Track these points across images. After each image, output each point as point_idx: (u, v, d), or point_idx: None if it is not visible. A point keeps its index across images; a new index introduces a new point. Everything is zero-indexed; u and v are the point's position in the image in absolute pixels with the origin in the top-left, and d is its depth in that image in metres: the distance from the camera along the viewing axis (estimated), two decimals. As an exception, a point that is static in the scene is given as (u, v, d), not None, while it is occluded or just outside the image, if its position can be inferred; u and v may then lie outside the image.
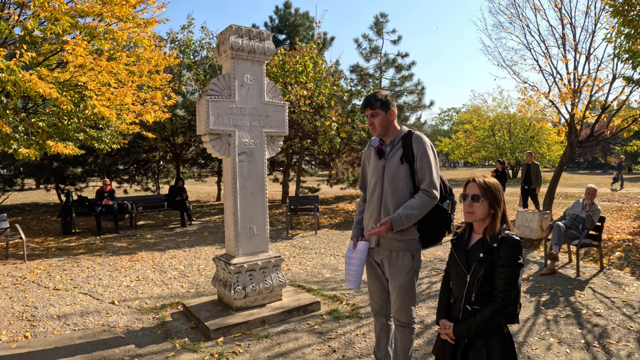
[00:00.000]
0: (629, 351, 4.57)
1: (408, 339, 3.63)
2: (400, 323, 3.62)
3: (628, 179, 36.90)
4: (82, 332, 5.18)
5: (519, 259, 2.49)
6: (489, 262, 2.53)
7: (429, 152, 3.50)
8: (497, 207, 2.60)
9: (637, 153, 13.60)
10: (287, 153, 19.64)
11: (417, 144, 3.52)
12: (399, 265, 3.52)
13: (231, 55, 5.37)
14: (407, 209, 3.38)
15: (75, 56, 8.28)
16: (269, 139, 5.81)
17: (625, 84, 11.02)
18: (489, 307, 2.51)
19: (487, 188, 2.62)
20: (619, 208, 16.18)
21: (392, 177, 3.54)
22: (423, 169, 3.47)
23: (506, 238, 2.53)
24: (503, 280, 2.47)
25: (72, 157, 15.62)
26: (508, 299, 2.47)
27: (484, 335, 2.56)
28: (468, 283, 2.62)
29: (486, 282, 2.55)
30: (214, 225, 13.67)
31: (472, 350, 2.60)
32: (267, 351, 4.64)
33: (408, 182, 3.51)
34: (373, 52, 19.30)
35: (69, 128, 10.01)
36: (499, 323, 2.53)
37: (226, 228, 5.79)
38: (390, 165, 3.57)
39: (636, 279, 7.14)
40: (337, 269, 8.13)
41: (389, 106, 3.61)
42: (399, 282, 3.52)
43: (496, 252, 2.52)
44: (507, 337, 2.59)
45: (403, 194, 3.50)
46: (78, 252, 9.59)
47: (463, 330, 2.60)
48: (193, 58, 18.98)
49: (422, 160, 3.48)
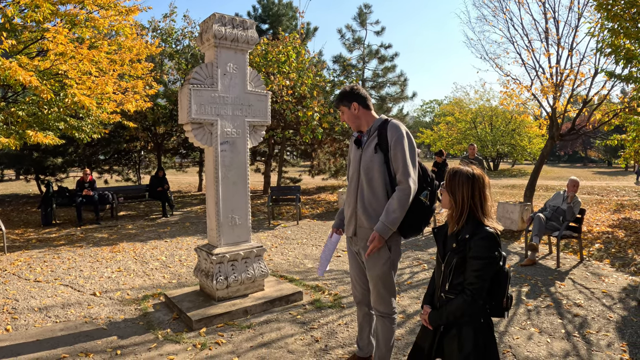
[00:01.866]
0: (609, 341, 4.64)
1: (389, 329, 3.64)
2: (380, 313, 3.62)
3: (608, 172, 37.43)
4: (63, 324, 5.12)
5: (492, 252, 2.48)
6: (461, 252, 2.54)
7: (403, 140, 3.44)
8: (456, 199, 2.59)
9: (618, 147, 13.79)
10: (269, 143, 19.57)
11: (391, 132, 3.47)
12: (375, 256, 3.50)
13: (214, 43, 5.32)
14: (390, 213, 3.35)
15: (56, 44, 8.13)
16: (252, 128, 5.77)
17: (607, 79, 11.13)
18: (458, 298, 2.54)
19: (449, 178, 2.63)
20: (598, 201, 16.41)
21: (367, 166, 3.52)
22: (397, 157, 3.42)
23: (479, 230, 2.51)
24: (473, 272, 2.48)
25: (52, 147, 15.38)
26: (477, 291, 2.47)
27: (457, 325, 2.59)
28: (442, 272, 2.67)
29: (459, 272, 2.56)
30: (196, 216, 13.60)
31: (446, 338, 2.65)
32: (249, 341, 4.63)
33: (382, 172, 3.48)
34: (356, 42, 19.27)
35: (49, 117, 9.87)
36: (471, 314, 2.53)
37: (208, 218, 5.76)
38: (366, 154, 3.55)
39: (615, 271, 7.26)
40: (319, 259, 8.11)
41: (351, 100, 3.61)
42: (376, 273, 3.53)
43: (468, 243, 2.52)
44: (483, 328, 2.58)
45: (378, 183, 3.48)
46: (59, 244, 9.48)
47: (436, 318, 2.67)
48: (175, 47, 18.81)
49: (395, 149, 3.42)
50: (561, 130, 13.20)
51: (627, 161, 12.33)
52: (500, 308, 2.62)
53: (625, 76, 9.52)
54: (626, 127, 11.51)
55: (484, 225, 2.53)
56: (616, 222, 11.66)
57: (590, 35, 9.80)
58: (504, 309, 2.63)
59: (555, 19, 12.55)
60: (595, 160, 58.67)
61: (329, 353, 4.38)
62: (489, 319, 2.64)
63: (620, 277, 6.90)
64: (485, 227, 2.52)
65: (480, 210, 2.57)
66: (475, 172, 2.60)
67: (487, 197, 2.61)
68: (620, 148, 13.93)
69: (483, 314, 2.59)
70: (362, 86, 18.93)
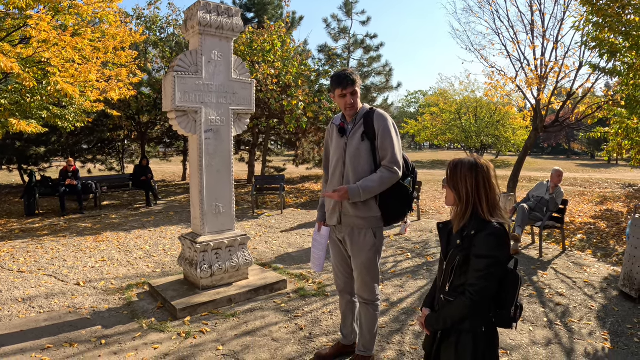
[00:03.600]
0: (591, 329, 4.71)
1: (372, 316, 3.67)
2: (364, 300, 3.65)
3: (591, 165, 37.85)
4: (47, 315, 5.07)
5: (498, 251, 2.23)
6: (465, 250, 2.30)
7: (390, 129, 3.50)
8: (460, 194, 2.36)
9: (601, 140, 13.93)
10: (254, 132, 19.52)
11: (378, 121, 3.51)
12: (361, 242, 3.54)
13: (199, 31, 5.27)
14: (367, 181, 3.40)
15: (38, 31, 8.01)
16: (236, 116, 5.74)
17: (592, 72, 11.24)
18: (458, 300, 2.31)
19: (451, 172, 2.41)
20: (581, 192, 16.60)
21: (353, 154, 3.54)
22: (385, 145, 3.46)
23: (486, 226, 2.27)
24: (476, 272, 2.23)
25: (35, 136, 15.21)
26: (478, 294, 2.22)
27: (456, 331, 2.36)
28: (444, 271, 2.44)
29: (462, 272, 2.32)
30: (180, 205, 13.52)
31: (444, 345, 2.44)
32: (234, 330, 4.64)
33: (369, 160, 3.51)
34: (342, 32, 19.21)
35: (31, 106, 9.73)
36: (472, 320, 2.30)
37: (192, 206, 5.73)
38: (352, 143, 3.56)
39: (597, 261, 7.35)
40: (303, 247, 8.16)
41: (358, 85, 3.60)
42: (361, 260, 3.55)
43: (473, 240, 2.28)
44: (485, 338, 2.33)
45: (364, 171, 3.51)
46: (42, 234, 9.38)
47: (433, 321, 2.45)
48: (159, 35, 18.62)
49: (383, 137, 3.47)
50: (545, 122, 13.31)
51: (610, 154, 12.46)
52: (508, 318, 2.33)
53: (610, 69, 9.62)
54: (610, 120, 11.63)
55: (495, 221, 2.29)
56: (598, 213, 11.81)
57: (575, 29, 9.87)
58: (512, 320, 2.34)
59: (541, 12, 12.63)
60: (578, 152, 59.21)
61: (313, 341, 4.40)
62: (493, 329, 2.38)
63: (602, 267, 6.99)
64: (492, 222, 2.28)
65: (486, 203, 2.32)
66: (478, 161, 2.36)
67: (494, 188, 2.36)
68: (603, 141, 14.09)
69: (486, 322, 2.33)
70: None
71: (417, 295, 5.64)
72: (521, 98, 14.50)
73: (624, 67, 9.11)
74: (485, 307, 2.31)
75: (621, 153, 11.96)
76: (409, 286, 5.98)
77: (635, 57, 8.46)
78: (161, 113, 18.28)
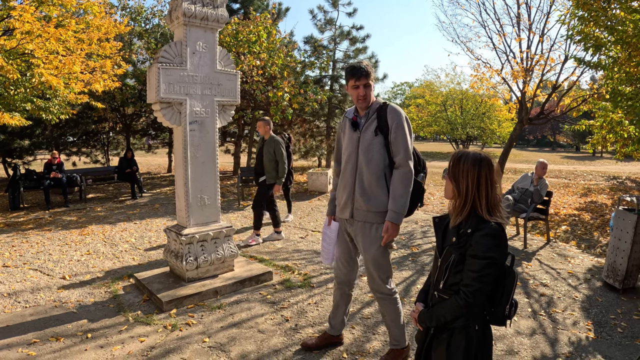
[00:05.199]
0: (574, 320, 4.77)
1: (394, 309, 3.66)
2: (380, 295, 3.65)
3: (575, 157, 38.21)
4: (33, 309, 5.03)
5: (495, 252, 2.17)
6: (461, 248, 2.24)
7: (404, 124, 3.48)
8: (459, 188, 2.29)
9: (586, 133, 14.06)
10: (239, 124, 19.45)
11: (392, 115, 3.49)
12: (372, 237, 3.52)
13: (183, 22, 5.22)
14: (397, 199, 3.39)
15: (22, 22, 7.90)
16: (221, 107, 5.71)
17: (577, 65, 11.33)
18: (451, 299, 2.26)
19: (453, 164, 2.32)
20: (565, 184, 16.77)
21: (366, 149, 3.51)
22: (397, 141, 3.45)
23: (484, 225, 2.20)
24: (471, 272, 2.18)
25: (19, 128, 15.03)
26: (472, 295, 2.18)
27: (449, 329, 2.32)
28: (439, 268, 2.38)
29: (457, 271, 2.26)
30: (165, 197, 13.44)
31: (435, 342, 2.41)
32: (220, 322, 4.64)
33: (382, 154, 3.49)
34: (328, 23, 19.10)
35: (15, 98, 9.59)
36: (465, 319, 2.27)
37: (177, 198, 5.70)
38: (365, 137, 3.53)
39: (581, 252, 7.44)
40: (289, 239, 8.16)
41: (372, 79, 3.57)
42: (372, 254, 3.53)
43: (469, 239, 2.22)
44: (478, 336, 2.29)
45: (377, 166, 3.49)
46: (27, 228, 9.28)
47: (425, 318, 2.41)
48: (144, 26, 18.43)
49: (396, 132, 3.45)
50: (530, 114, 13.43)
51: (594, 147, 12.57)
52: (502, 316, 2.30)
53: (595, 63, 9.69)
54: (595, 114, 11.73)
55: (489, 220, 2.22)
56: (583, 205, 11.94)
57: (561, 23, 9.93)
58: (506, 317, 2.31)
59: (528, 5, 12.72)
60: (563, 145, 59.77)
61: (299, 332, 4.41)
62: (487, 327, 2.35)
63: (585, 258, 7.07)
64: (490, 222, 2.21)
65: (485, 200, 2.25)
66: (482, 156, 2.28)
67: (496, 186, 2.29)
68: (588, 134, 14.22)
69: (480, 320, 2.31)
70: (332, 67, 18.92)
71: (403, 286, 5.68)
72: (507, 90, 14.61)
73: (609, 60, 9.18)
74: (480, 307, 2.28)
75: (606, 146, 12.07)
76: (394, 277, 6.01)
77: (620, 51, 8.52)
78: (146, 105, 18.15)
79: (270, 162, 7.76)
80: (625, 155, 11.17)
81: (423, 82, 39.70)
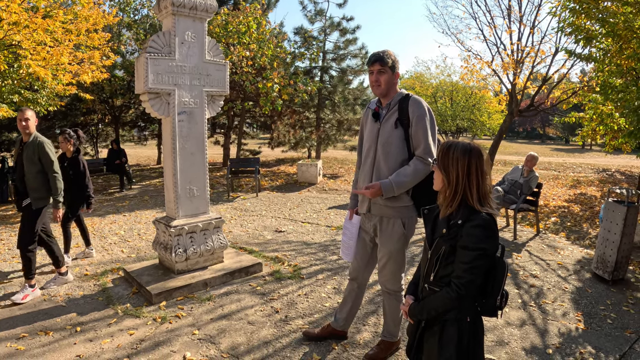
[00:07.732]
0: (564, 311, 4.80)
1: (396, 307, 3.61)
2: (387, 290, 3.59)
3: (565, 149, 38.42)
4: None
5: (486, 243, 2.14)
6: (451, 240, 2.21)
7: (425, 117, 3.33)
8: (449, 178, 2.25)
9: (575, 125, 14.12)
10: (229, 115, 19.35)
11: (413, 108, 3.35)
12: (389, 232, 3.45)
13: (172, 11, 5.15)
14: (400, 175, 3.27)
15: (9, 13, 7.76)
16: (210, 98, 5.65)
17: (567, 58, 11.34)
18: (442, 292, 2.24)
19: (443, 153, 2.29)
20: (555, 176, 16.84)
21: (385, 141, 3.40)
22: (418, 134, 3.31)
23: (474, 216, 2.17)
24: (461, 264, 2.16)
25: (6, 121, 14.87)
26: (464, 287, 2.16)
27: (440, 322, 2.30)
28: (429, 260, 2.35)
29: (447, 263, 2.24)
30: (155, 189, 13.37)
31: (427, 334, 2.39)
32: (210, 313, 4.61)
33: (402, 148, 3.37)
34: (318, 14, 19.02)
35: (2, 90, 9.46)
36: (456, 311, 2.25)
37: (166, 190, 5.65)
38: (385, 129, 3.43)
39: (571, 244, 7.48)
40: (279, 230, 8.15)
41: (395, 68, 3.44)
42: (388, 249, 3.46)
43: (459, 230, 2.19)
44: (470, 328, 2.27)
45: (396, 159, 3.38)
46: (15, 221, 9.16)
47: (416, 311, 2.39)
48: (133, 17, 18.24)
49: (417, 125, 3.31)
50: (520, 106, 13.46)
51: (584, 139, 12.63)
52: (493, 307, 2.28)
53: (585, 56, 9.70)
54: (584, 106, 11.78)
55: (484, 210, 2.19)
56: (572, 197, 12.00)
57: (552, 15, 9.93)
58: (497, 308, 2.29)
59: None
60: (553, 137, 60.10)
61: (289, 324, 4.39)
62: (478, 318, 2.32)
63: (575, 249, 7.11)
64: (480, 212, 2.18)
65: (476, 190, 2.22)
66: (473, 146, 2.25)
67: (486, 176, 2.26)
68: (578, 126, 14.29)
69: (471, 311, 2.29)
70: (322, 58, 18.85)
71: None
72: (497, 82, 14.63)
73: (600, 53, 9.20)
74: (471, 298, 2.26)
75: (595, 138, 12.14)
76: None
77: (610, 43, 8.53)
78: (135, 96, 18.01)
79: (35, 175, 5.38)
80: (615, 147, 11.23)
81: (413, 73, 39.60)
